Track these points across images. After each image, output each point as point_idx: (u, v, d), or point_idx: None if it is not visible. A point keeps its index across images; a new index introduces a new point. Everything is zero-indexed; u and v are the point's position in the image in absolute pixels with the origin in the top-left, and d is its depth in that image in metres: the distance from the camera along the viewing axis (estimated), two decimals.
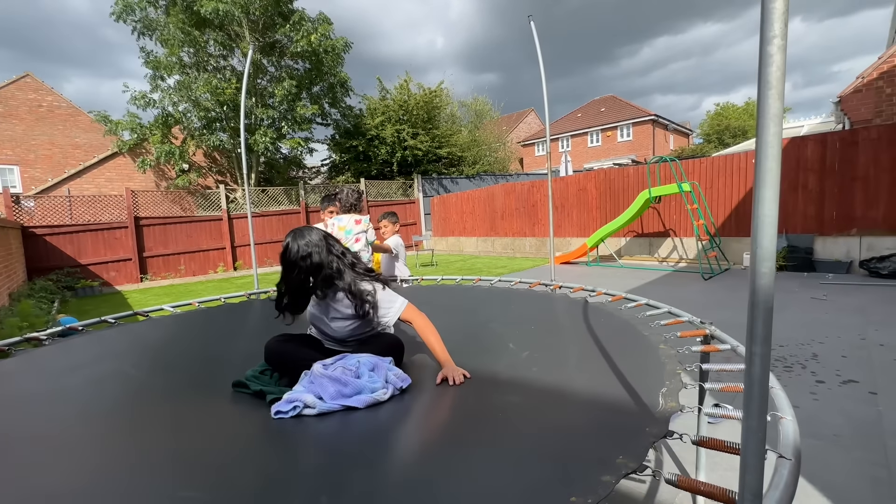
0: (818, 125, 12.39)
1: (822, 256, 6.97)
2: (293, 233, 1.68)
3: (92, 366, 1.91)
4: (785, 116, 10.48)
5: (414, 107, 16.51)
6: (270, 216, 12.80)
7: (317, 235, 1.69)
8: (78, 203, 10.52)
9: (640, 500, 1.83)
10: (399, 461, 1.08)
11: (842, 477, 1.92)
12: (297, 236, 1.66)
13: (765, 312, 0.57)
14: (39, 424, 1.36)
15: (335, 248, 1.71)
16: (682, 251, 8.75)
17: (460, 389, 1.46)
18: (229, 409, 1.45)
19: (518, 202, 12.23)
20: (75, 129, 15.43)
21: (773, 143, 0.55)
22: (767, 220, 0.56)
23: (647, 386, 1.27)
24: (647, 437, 0.99)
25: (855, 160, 6.67)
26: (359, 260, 1.79)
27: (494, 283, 3.25)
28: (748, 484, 0.61)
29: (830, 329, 4.00)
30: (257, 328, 2.53)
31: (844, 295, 5.32)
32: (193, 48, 12.28)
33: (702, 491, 0.76)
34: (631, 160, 23.85)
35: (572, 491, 0.80)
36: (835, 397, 2.70)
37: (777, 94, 0.55)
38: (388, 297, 1.70)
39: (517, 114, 33.29)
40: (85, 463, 1.12)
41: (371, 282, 1.70)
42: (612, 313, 2.21)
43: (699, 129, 32.00)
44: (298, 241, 1.65)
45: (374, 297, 1.67)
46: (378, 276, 1.78)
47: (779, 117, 0.55)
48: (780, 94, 0.55)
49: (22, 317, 5.13)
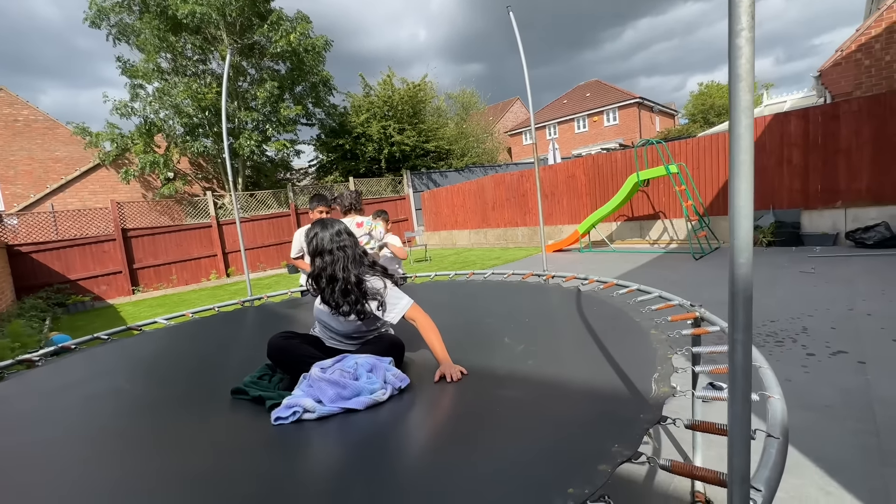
0: (800, 100, 12.51)
1: (809, 230, 7.08)
2: (320, 223, 1.76)
3: (87, 384, 1.89)
4: (768, 92, 10.58)
5: (399, 102, 16.38)
6: (260, 220, 12.69)
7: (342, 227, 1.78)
8: (63, 218, 10.34)
9: (639, 485, 1.86)
10: (401, 460, 1.10)
11: (834, 447, 1.97)
12: (325, 227, 1.75)
13: (744, 301, 0.58)
14: (37, 447, 1.35)
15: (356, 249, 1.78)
16: (673, 232, 8.83)
17: (458, 386, 1.47)
18: (229, 418, 1.46)
19: (508, 192, 12.24)
20: (54, 142, 15.11)
21: (745, 136, 0.56)
22: (743, 211, 0.57)
23: (639, 373, 1.29)
24: (642, 423, 1.01)
25: (837, 133, 6.75)
26: (367, 255, 1.82)
27: (488, 276, 3.27)
28: (736, 467, 0.62)
29: (819, 302, 4.07)
30: (252, 335, 2.53)
31: (832, 267, 5.42)
32: (171, 53, 12.05)
33: (695, 475, 0.78)
34: (618, 144, 23.93)
35: (570, 482, 0.82)
36: (825, 369, 2.76)
37: (747, 87, 0.56)
38: (396, 295, 1.72)
39: (503, 103, 33.19)
40: (86, 482, 1.12)
41: (381, 278, 1.73)
42: (604, 301, 2.23)
43: (684, 110, 32.17)
44: (327, 231, 1.73)
45: (383, 295, 1.69)
46: (387, 272, 1.81)
47: (750, 109, 0.56)
48: (749, 86, 0.56)
49: (13, 337, 5.07)
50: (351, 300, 1.68)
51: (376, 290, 1.70)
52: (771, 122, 7.36)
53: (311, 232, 1.75)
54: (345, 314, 1.70)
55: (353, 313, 1.69)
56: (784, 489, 1.73)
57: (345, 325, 1.75)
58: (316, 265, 1.73)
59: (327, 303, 1.73)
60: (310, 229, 1.77)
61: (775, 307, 4.05)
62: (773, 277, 5.19)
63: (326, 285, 1.70)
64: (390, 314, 1.71)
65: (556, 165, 11.19)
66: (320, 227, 1.75)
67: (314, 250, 1.74)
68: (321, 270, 1.71)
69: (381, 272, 1.78)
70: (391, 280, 1.77)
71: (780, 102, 13.27)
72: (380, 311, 1.70)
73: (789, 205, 7.29)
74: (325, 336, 1.83)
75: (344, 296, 1.68)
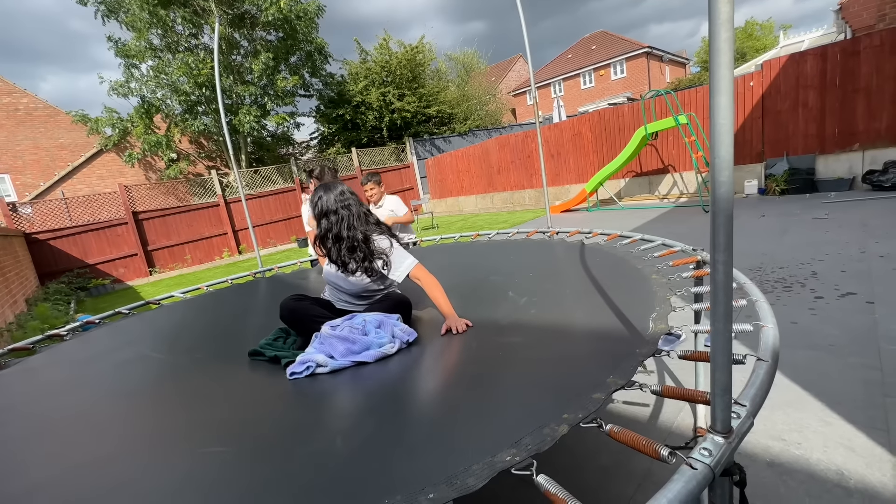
0: (819, 38, 11.83)
1: (823, 176, 6.88)
2: (323, 187, 1.79)
3: (114, 353, 2.00)
4: (785, 33, 9.98)
5: (397, 66, 15.89)
6: (267, 196, 12.74)
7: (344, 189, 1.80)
8: (74, 204, 10.51)
9: (643, 424, 1.94)
10: (409, 401, 1.16)
11: (837, 382, 2.02)
12: (328, 189, 1.77)
13: (725, 221, 0.59)
14: (75, 406, 1.45)
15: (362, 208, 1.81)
16: (683, 186, 8.66)
17: (463, 337, 1.53)
18: (247, 376, 1.54)
19: (513, 155, 12.02)
20: (57, 129, 15.10)
21: (725, 50, 0.55)
22: (724, 128, 0.57)
23: (638, 314, 1.32)
24: (637, 357, 1.05)
25: (857, 71, 6.42)
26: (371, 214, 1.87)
27: (492, 236, 3.28)
28: (718, 381, 0.66)
29: (831, 246, 4.02)
30: (265, 304, 2.61)
31: (846, 211, 5.30)
32: (161, 29, 11.75)
33: (682, 395, 0.82)
34: (626, 98, 23.06)
35: (566, 409, 0.87)
36: (832, 310, 2.77)
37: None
38: (401, 255, 1.78)
39: (505, 62, 31.98)
40: (123, 434, 1.21)
41: (388, 237, 1.79)
42: (607, 252, 2.24)
43: (696, 58, 30.63)
44: (331, 193, 1.76)
45: (388, 254, 1.75)
46: (392, 232, 1.86)
47: (730, 3, 0.55)
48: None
49: (42, 319, 5.30)
50: (358, 257, 1.73)
51: (382, 249, 1.75)
52: (786, 64, 7.01)
53: (315, 196, 1.78)
54: (352, 272, 1.75)
55: (361, 270, 1.74)
56: (784, 421, 1.79)
57: (353, 285, 1.80)
58: (322, 226, 1.77)
59: (335, 262, 1.78)
60: (313, 194, 1.80)
61: (784, 254, 4.01)
62: (784, 226, 5.11)
63: (333, 244, 1.75)
64: (395, 272, 1.76)
65: (561, 124, 10.89)
66: (323, 190, 1.78)
67: (319, 213, 1.77)
68: (327, 231, 1.75)
69: (387, 231, 1.83)
70: (396, 240, 1.82)
71: (798, 42, 12.56)
72: (385, 270, 1.75)
73: (804, 150, 7.05)
74: (335, 298, 1.89)
75: (350, 253, 1.73)
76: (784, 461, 1.58)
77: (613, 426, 0.76)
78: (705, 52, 29.73)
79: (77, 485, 0.95)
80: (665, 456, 0.66)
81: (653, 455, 0.68)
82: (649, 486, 1.56)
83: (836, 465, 1.53)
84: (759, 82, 7.32)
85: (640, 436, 0.72)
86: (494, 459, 0.75)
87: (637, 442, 0.71)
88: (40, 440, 1.23)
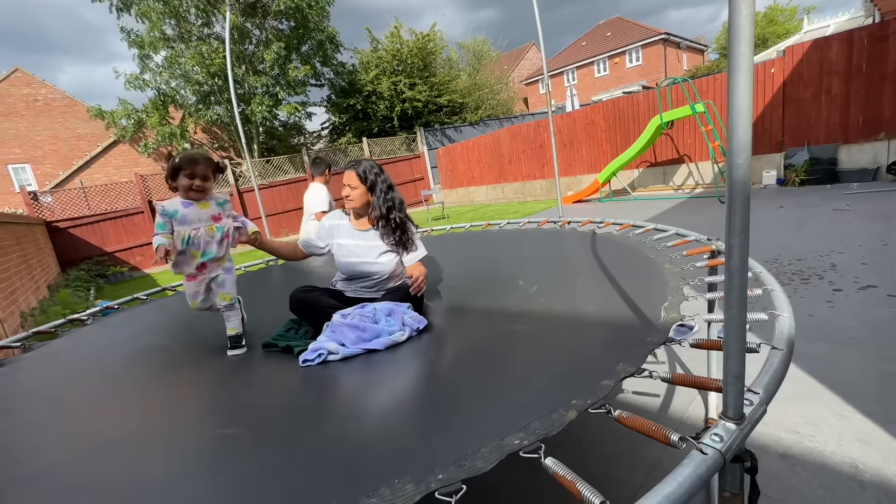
0: (846, 23, 11.39)
1: (846, 166, 6.67)
2: (356, 161, 1.88)
3: (133, 338, 2.06)
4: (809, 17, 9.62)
5: (408, 55, 15.76)
6: (279, 186, 12.83)
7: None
8: (92, 193, 10.74)
9: (654, 414, 1.93)
10: (417, 387, 1.17)
11: (853, 375, 1.98)
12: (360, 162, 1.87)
13: (741, 205, 0.58)
14: (96, 389, 1.50)
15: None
16: (699, 176, 8.48)
17: (474, 325, 1.53)
18: (261, 363, 1.57)
19: (525, 144, 11.89)
20: (74, 119, 15.39)
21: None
22: (742, 108, 0.55)
23: (650, 303, 1.31)
24: (648, 345, 1.04)
25: (885, 56, 6.16)
26: None
27: (503, 226, 3.26)
28: (731, 368, 0.65)
29: (851, 238, 3.91)
30: (278, 290, 2.65)
31: (869, 203, 5.14)
32: (174, 19, 11.82)
33: (693, 383, 0.81)
34: (641, 87, 22.55)
35: (574, 395, 0.87)
36: (851, 303, 2.70)
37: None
38: (418, 242, 1.94)
39: (517, 50, 31.47)
40: (141, 416, 1.25)
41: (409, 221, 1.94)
42: (619, 242, 2.21)
43: (715, 44, 29.75)
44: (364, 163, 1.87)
45: (413, 238, 1.90)
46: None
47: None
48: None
49: (63, 305, 5.46)
50: (406, 237, 1.87)
51: (413, 232, 1.90)
52: (809, 49, 6.77)
53: (376, 168, 1.86)
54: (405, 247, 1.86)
55: (400, 248, 1.87)
56: (798, 413, 1.76)
57: (384, 266, 1.86)
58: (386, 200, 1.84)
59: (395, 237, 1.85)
60: (372, 165, 1.86)
61: (802, 246, 3.92)
62: (803, 217, 4.99)
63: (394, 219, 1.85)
64: (408, 254, 1.88)
65: (573, 112, 10.73)
66: (378, 167, 1.88)
67: (388, 186, 1.87)
68: (390, 207, 1.85)
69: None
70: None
71: (823, 27, 12.12)
72: (409, 247, 1.88)
73: (826, 140, 6.83)
74: (350, 287, 1.92)
75: (403, 232, 1.86)
76: (797, 453, 1.56)
77: (622, 412, 0.76)
78: (725, 38, 28.81)
79: (95, 465, 0.98)
80: (675, 441, 0.66)
81: (662, 440, 0.68)
82: (659, 475, 1.55)
83: (851, 458, 1.50)
84: (781, 69, 7.09)
85: (650, 421, 0.71)
86: (503, 443, 0.76)
87: (646, 427, 0.71)
88: (63, 421, 1.28)
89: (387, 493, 0.69)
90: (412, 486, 0.69)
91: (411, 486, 0.69)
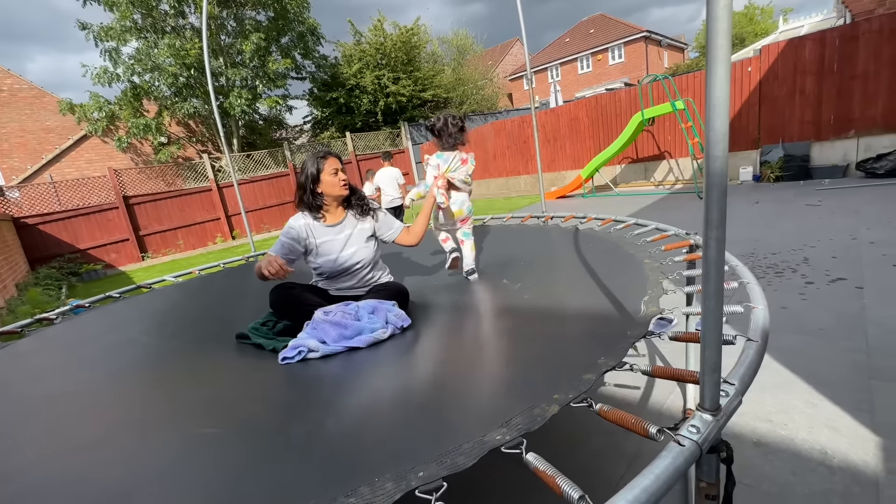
0: (819, 23, 11.72)
1: (818, 163, 6.89)
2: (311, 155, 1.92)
3: (104, 336, 1.98)
4: (785, 17, 9.82)
5: (391, 49, 15.58)
6: (260, 181, 12.58)
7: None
8: (63, 188, 10.32)
9: (634, 406, 1.96)
10: (399, 384, 1.16)
11: (824, 366, 2.04)
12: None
13: (719, 196, 0.58)
14: (64, 389, 1.44)
15: None
16: (678, 172, 8.65)
17: (457, 324, 1.53)
18: (238, 360, 1.53)
19: (509, 140, 11.92)
20: (43, 111, 14.73)
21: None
22: (720, 100, 0.55)
23: (630, 297, 1.32)
24: (628, 339, 1.05)
25: (855, 57, 6.38)
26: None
27: (486, 221, 3.26)
28: (707, 359, 0.65)
29: (823, 233, 4.05)
30: (257, 287, 2.59)
31: (839, 198, 5.33)
32: (144, 9, 11.36)
33: (672, 375, 0.82)
34: (623, 83, 22.83)
35: (556, 389, 0.87)
36: (822, 296, 2.80)
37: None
38: (389, 219, 1.95)
39: (501, 45, 31.47)
40: (113, 416, 1.20)
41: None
42: (601, 237, 2.24)
43: (694, 42, 30.32)
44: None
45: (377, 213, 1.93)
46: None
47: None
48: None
49: (32, 304, 5.25)
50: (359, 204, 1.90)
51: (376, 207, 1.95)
52: (784, 49, 6.95)
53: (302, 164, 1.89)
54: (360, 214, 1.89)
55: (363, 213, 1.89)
56: (772, 403, 1.81)
57: (367, 255, 1.86)
58: None
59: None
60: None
61: (777, 241, 4.04)
62: (777, 212, 5.13)
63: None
64: (386, 234, 1.93)
65: (557, 109, 10.79)
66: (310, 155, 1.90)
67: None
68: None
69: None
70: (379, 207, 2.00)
71: (797, 27, 12.45)
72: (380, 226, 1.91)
73: (799, 137, 7.04)
74: (332, 286, 1.87)
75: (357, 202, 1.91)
76: (770, 441, 1.61)
77: (603, 405, 0.77)
78: (704, 37, 29.35)
79: (67, 466, 0.94)
80: (653, 433, 0.67)
81: (641, 433, 0.68)
82: (639, 466, 1.58)
83: (821, 444, 1.56)
84: (758, 68, 7.27)
85: (629, 414, 0.72)
86: (485, 439, 0.75)
87: (626, 420, 0.71)
88: (29, 422, 1.22)
89: (366, 492, 0.67)
90: (392, 485, 0.67)
91: (391, 483, 0.68)
